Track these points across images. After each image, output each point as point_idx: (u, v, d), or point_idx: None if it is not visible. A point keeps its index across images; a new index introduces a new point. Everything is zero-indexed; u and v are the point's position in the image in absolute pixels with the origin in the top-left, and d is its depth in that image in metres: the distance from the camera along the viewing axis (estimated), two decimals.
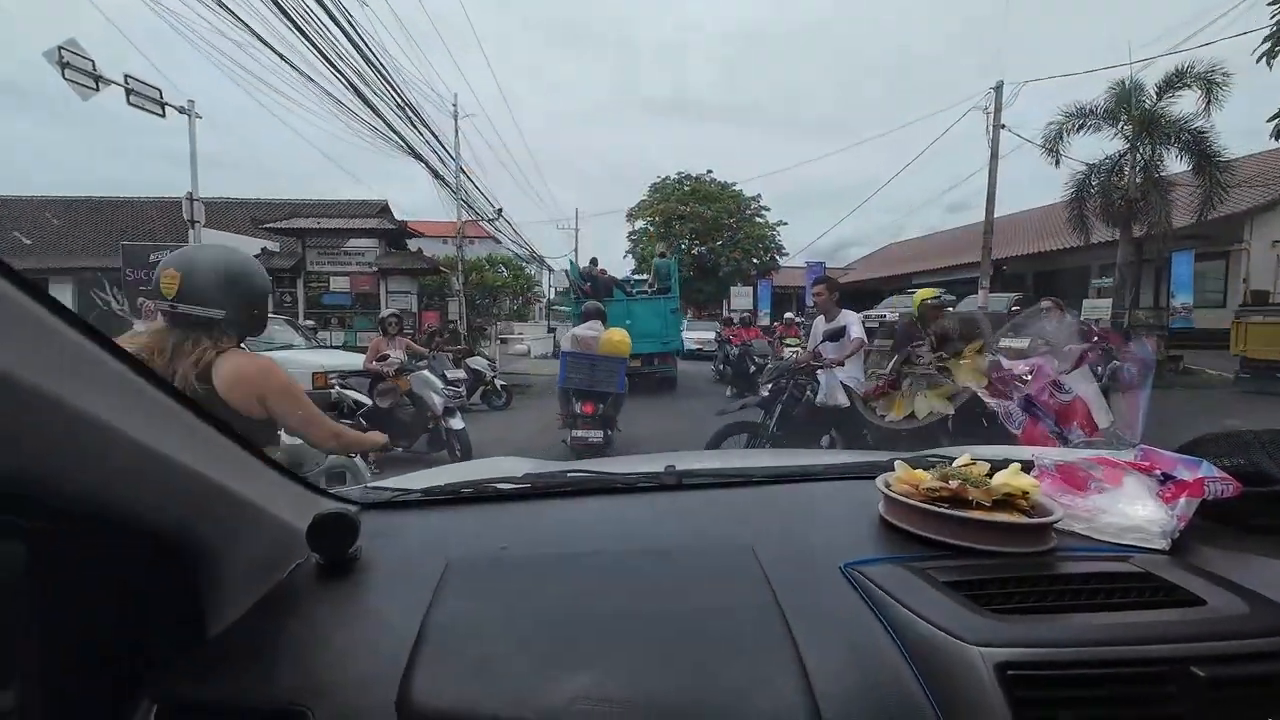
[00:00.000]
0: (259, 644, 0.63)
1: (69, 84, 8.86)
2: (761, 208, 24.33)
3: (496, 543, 0.83)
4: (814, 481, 1.07)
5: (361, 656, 0.61)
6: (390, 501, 0.98)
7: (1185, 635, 0.56)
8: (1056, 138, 11.23)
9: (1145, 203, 10.42)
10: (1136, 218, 10.63)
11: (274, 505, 0.71)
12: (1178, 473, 0.77)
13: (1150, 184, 10.20)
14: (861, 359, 4.03)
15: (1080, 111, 10.88)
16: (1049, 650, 0.54)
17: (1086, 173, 11.04)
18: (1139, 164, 10.42)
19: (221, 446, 0.63)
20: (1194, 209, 10.34)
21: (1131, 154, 10.62)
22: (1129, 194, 10.51)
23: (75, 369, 0.44)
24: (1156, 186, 10.25)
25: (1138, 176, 10.44)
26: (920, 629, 0.58)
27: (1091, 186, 11.07)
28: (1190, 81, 9.87)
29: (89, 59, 9.02)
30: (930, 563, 0.70)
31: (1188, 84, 9.93)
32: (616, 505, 0.99)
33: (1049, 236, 16.91)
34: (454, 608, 0.66)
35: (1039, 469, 0.86)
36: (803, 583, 0.69)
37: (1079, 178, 11.16)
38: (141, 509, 0.54)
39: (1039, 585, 0.65)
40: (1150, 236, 10.93)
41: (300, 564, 0.76)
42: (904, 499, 0.78)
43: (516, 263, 16.47)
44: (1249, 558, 0.72)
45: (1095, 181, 11.05)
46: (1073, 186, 11.31)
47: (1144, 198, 10.39)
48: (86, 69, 8.95)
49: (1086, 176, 11.05)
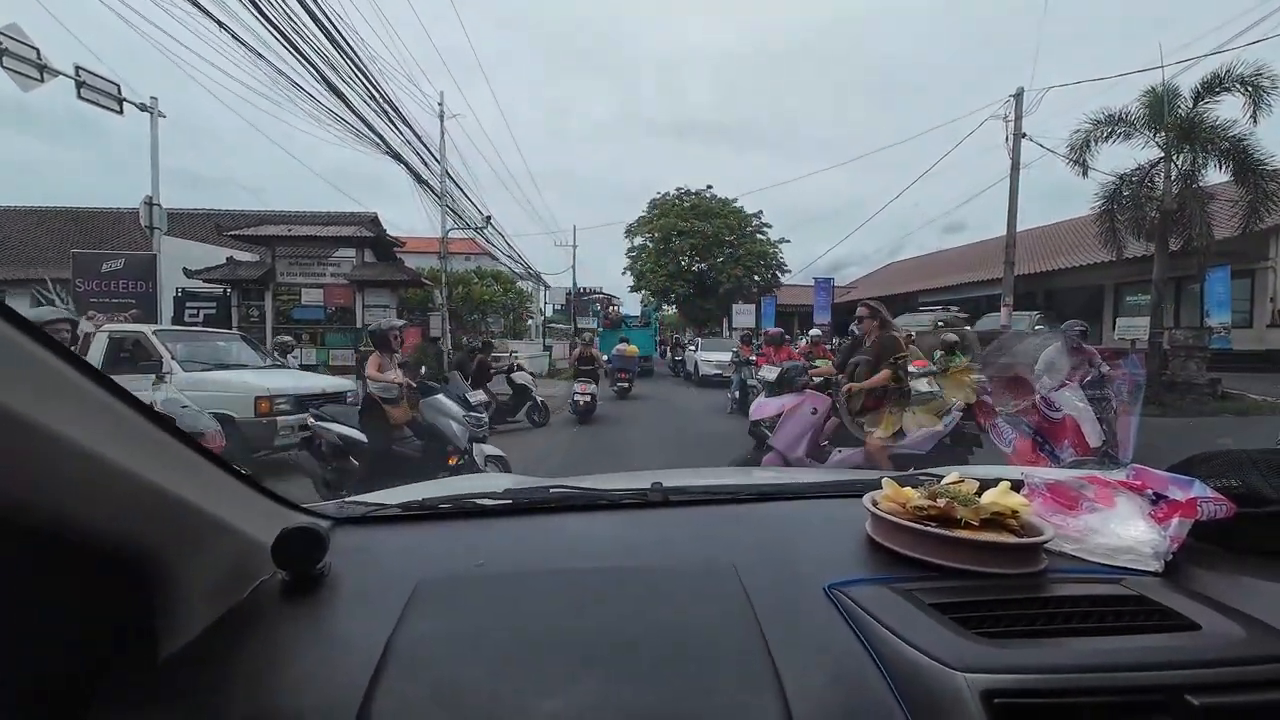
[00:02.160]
0: (213, 666, 0.60)
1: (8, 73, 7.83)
2: (763, 224, 23.69)
3: (473, 559, 0.81)
4: (801, 500, 1.07)
5: (322, 679, 0.59)
6: (365, 516, 0.96)
7: (1178, 661, 0.55)
8: (1083, 146, 10.43)
9: (1181, 215, 9.58)
10: (1172, 231, 9.78)
11: (238, 519, 0.68)
12: (1170, 493, 0.77)
13: (1188, 195, 9.37)
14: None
15: (1110, 119, 10.10)
16: (1037, 677, 0.53)
17: (1118, 184, 10.22)
18: (1175, 174, 9.60)
19: (181, 457, 0.61)
20: (1232, 222, 9.54)
21: (1166, 163, 9.81)
22: (1164, 205, 9.68)
23: (22, 376, 0.42)
24: (1195, 197, 9.42)
25: (1173, 187, 9.62)
26: (904, 653, 0.57)
27: (1122, 198, 10.23)
28: (1231, 85, 9.10)
29: (32, 46, 8.02)
30: (916, 584, 0.69)
31: (1228, 87, 9.16)
32: (599, 522, 0.98)
33: (1058, 254, 16.39)
34: (423, 627, 0.64)
35: (1029, 488, 0.87)
36: (785, 603, 0.68)
37: (1109, 189, 10.36)
38: (89, 522, 0.52)
39: (1028, 608, 0.65)
40: (1185, 251, 10.09)
41: (264, 581, 0.73)
42: (891, 517, 0.78)
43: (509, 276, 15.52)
44: (1243, 580, 0.70)
45: (1125, 193, 10.21)
46: (1102, 198, 10.53)
47: (1181, 209, 9.54)
48: (29, 57, 7.94)
49: (1117, 187, 10.22)
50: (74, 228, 17.98)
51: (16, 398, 0.41)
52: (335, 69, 6.80)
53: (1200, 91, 9.80)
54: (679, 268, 24.00)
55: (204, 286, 11.03)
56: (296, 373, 7.08)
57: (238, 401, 5.31)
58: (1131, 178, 10.55)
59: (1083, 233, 17.13)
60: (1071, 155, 10.95)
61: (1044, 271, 16.37)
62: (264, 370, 6.43)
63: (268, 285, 10.88)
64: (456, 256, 15.89)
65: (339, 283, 10.97)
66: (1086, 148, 10.76)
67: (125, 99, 9.62)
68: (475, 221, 12.63)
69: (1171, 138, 9.94)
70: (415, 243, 14.50)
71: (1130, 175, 10.59)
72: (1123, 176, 10.64)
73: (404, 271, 11.37)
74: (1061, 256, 16.51)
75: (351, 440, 4.05)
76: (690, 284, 24.12)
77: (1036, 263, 16.88)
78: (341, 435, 4.06)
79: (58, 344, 0.46)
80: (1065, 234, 18.05)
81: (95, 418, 0.49)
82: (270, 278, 10.84)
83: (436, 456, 4.01)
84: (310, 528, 0.71)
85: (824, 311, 18.48)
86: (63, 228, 17.92)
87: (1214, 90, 9.69)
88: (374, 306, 11.06)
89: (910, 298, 20.51)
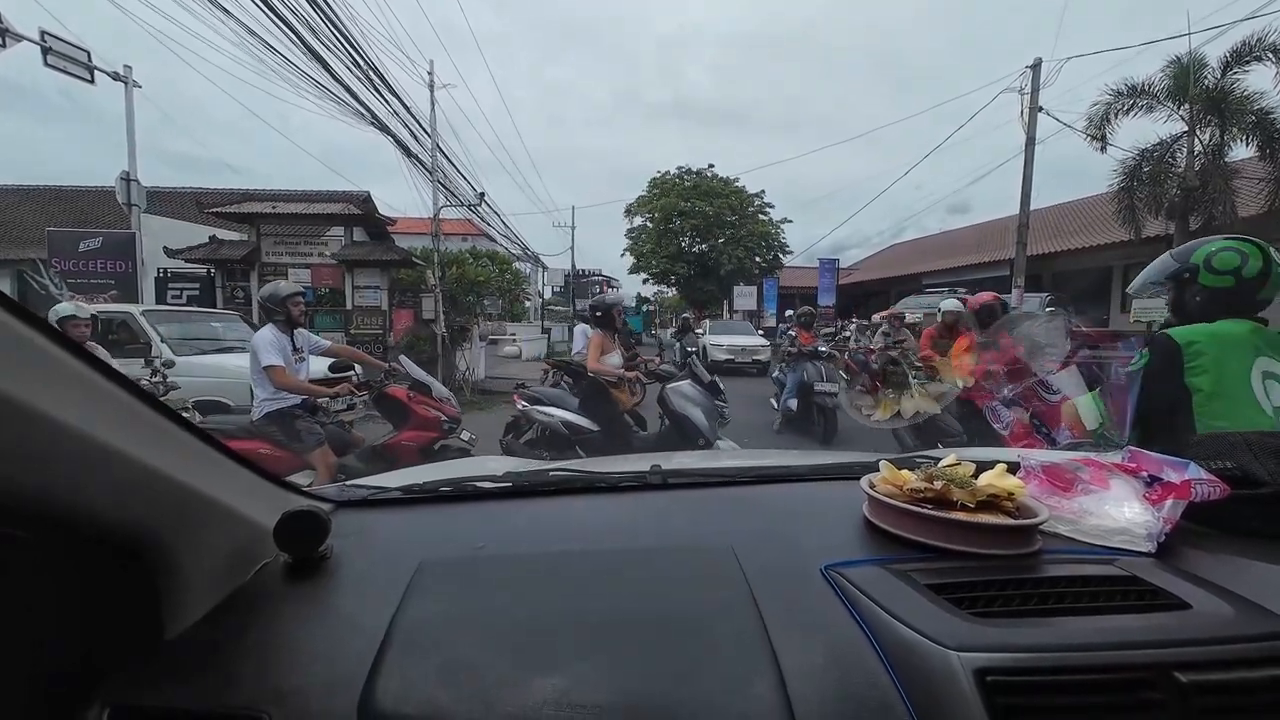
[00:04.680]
0: (218, 647, 0.62)
1: None
2: (765, 204, 23.11)
3: (473, 542, 0.83)
4: (799, 482, 1.09)
5: (326, 659, 0.61)
6: (366, 500, 0.98)
7: (1168, 640, 0.57)
8: (1102, 120, 9.93)
9: (1204, 191, 9.14)
10: (1194, 209, 9.36)
11: (241, 503, 0.71)
12: (1165, 475, 0.79)
13: (1214, 170, 8.93)
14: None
15: (1131, 90, 9.60)
16: (1028, 655, 0.55)
17: (1138, 159, 9.75)
18: (1200, 148, 9.15)
19: (184, 443, 0.63)
20: (1258, 200, 9.14)
21: (1190, 137, 9.34)
22: (1187, 182, 9.23)
23: (20, 362, 0.43)
24: (1221, 172, 8.98)
25: (1196, 163, 9.17)
26: (899, 632, 0.58)
27: (1143, 174, 9.77)
28: (1262, 53, 8.63)
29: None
30: (912, 565, 0.71)
31: (1259, 56, 8.69)
32: (599, 504, 1.00)
33: (1064, 236, 15.97)
34: (424, 608, 0.66)
35: (1025, 470, 0.88)
36: (783, 584, 0.69)
37: (1129, 165, 9.88)
38: (94, 509, 0.53)
39: (1022, 588, 0.67)
40: (1205, 230, 9.69)
41: (267, 564, 0.75)
42: (887, 500, 0.80)
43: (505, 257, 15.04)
44: (1235, 561, 0.72)
45: (1146, 169, 9.76)
46: (1121, 175, 10.03)
47: (1204, 186, 9.11)
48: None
49: (1138, 163, 9.75)
50: (59, 206, 17.55)
51: (18, 385, 0.42)
52: (313, 30, 6.30)
53: (1229, 60, 9.35)
54: (679, 249, 23.54)
55: (186, 267, 10.61)
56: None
57: (231, 387, 5.01)
58: (1153, 153, 10.11)
59: (1089, 214, 16.73)
60: (1089, 130, 10.47)
61: (1050, 253, 15.97)
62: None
63: (253, 265, 10.47)
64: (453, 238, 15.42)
65: (327, 263, 10.54)
66: (1106, 121, 10.29)
67: (96, 67, 9.09)
68: (469, 198, 12.13)
69: (1197, 110, 9.47)
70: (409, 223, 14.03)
71: (1152, 150, 10.13)
72: (1144, 151, 10.19)
73: (394, 251, 10.93)
74: (1068, 238, 16.10)
75: (577, 427, 3.59)
76: (691, 265, 23.66)
77: (1043, 244, 16.51)
78: (566, 422, 3.60)
79: (57, 331, 0.47)
80: (1071, 215, 17.70)
81: (96, 404, 0.50)
82: (255, 257, 10.44)
83: (678, 447, 3.46)
84: (312, 510, 0.72)
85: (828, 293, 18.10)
86: (48, 206, 17.47)
87: (1243, 59, 9.23)
88: (364, 287, 10.69)
89: (914, 279, 20.16)
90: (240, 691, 0.55)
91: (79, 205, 17.45)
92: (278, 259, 10.66)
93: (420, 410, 3.52)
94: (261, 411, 3.18)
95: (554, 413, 3.67)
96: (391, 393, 3.56)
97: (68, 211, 16.92)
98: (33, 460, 0.45)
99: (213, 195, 13.75)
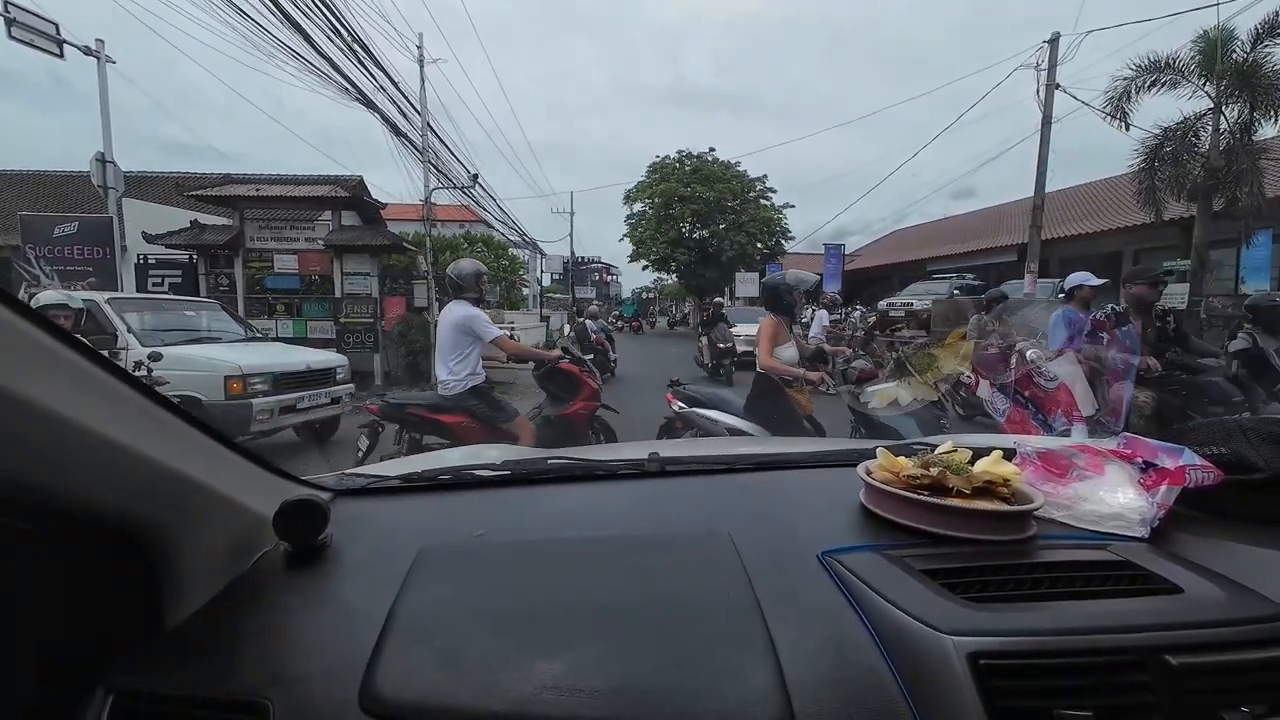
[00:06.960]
0: (220, 634, 0.64)
1: None
2: (767, 189, 22.57)
3: (472, 530, 0.84)
4: (797, 469, 1.10)
5: (326, 646, 0.62)
6: (365, 488, 1.00)
7: (1159, 623, 0.58)
8: (1122, 96, 9.47)
9: (1229, 171, 8.71)
10: (1217, 189, 8.94)
11: (240, 493, 0.72)
12: (1159, 460, 0.80)
13: (1239, 149, 8.50)
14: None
15: (1154, 64, 9.13)
16: (1021, 639, 0.56)
17: (1160, 138, 9.31)
18: (1227, 126, 8.70)
19: (183, 434, 0.64)
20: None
21: (1216, 114, 8.89)
22: (1211, 161, 8.80)
23: (19, 355, 0.44)
24: (1248, 152, 8.56)
25: (1221, 142, 8.73)
26: (895, 617, 0.60)
27: (1165, 154, 9.33)
28: None
29: None
30: (908, 550, 0.73)
31: None
32: (597, 492, 1.02)
33: (1072, 221, 15.62)
34: (424, 595, 0.67)
35: (1021, 456, 0.90)
36: (779, 571, 0.71)
37: (1151, 144, 9.45)
38: (95, 501, 0.55)
39: (1016, 573, 0.68)
40: (1227, 213, 9.30)
41: (267, 552, 0.77)
42: (884, 486, 0.82)
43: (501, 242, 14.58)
44: (1228, 545, 0.73)
45: (1168, 148, 9.32)
46: (1142, 154, 9.60)
47: (1229, 165, 8.68)
48: None
49: (1160, 141, 9.31)
50: (42, 192, 17.36)
51: (15, 378, 0.42)
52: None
53: (1259, 31, 8.90)
54: (680, 235, 23.07)
55: (167, 253, 10.19)
56: (277, 347, 6.36)
57: (204, 381, 4.70)
58: (1177, 131, 9.67)
59: (1097, 198, 16.31)
60: (1108, 108, 10.01)
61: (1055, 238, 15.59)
62: (238, 344, 5.69)
63: (237, 251, 10.05)
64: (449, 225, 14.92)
65: (315, 248, 10.14)
66: (1126, 98, 9.82)
67: (66, 40, 8.60)
68: (461, 180, 11.66)
69: (1224, 86, 9.01)
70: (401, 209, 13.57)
71: (1175, 129, 9.69)
72: (1167, 130, 9.75)
73: (384, 235, 10.51)
74: (1076, 223, 15.70)
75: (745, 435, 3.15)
76: (691, 252, 23.20)
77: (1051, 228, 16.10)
78: (732, 429, 3.15)
79: (54, 325, 0.47)
80: (1078, 199, 17.41)
81: (93, 396, 0.51)
82: (239, 242, 10.02)
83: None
84: (311, 499, 0.74)
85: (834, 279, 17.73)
86: (30, 192, 17.26)
87: (1276, 31, 8.77)
88: (354, 274, 10.28)
89: (919, 265, 19.80)
90: (242, 678, 0.57)
91: (63, 191, 17.21)
92: (263, 244, 10.30)
93: (590, 382, 3.96)
94: (465, 386, 3.41)
95: (718, 417, 3.23)
96: (565, 368, 3.92)
97: (51, 197, 16.71)
98: (33, 453, 0.46)
99: (194, 179, 13.27)
